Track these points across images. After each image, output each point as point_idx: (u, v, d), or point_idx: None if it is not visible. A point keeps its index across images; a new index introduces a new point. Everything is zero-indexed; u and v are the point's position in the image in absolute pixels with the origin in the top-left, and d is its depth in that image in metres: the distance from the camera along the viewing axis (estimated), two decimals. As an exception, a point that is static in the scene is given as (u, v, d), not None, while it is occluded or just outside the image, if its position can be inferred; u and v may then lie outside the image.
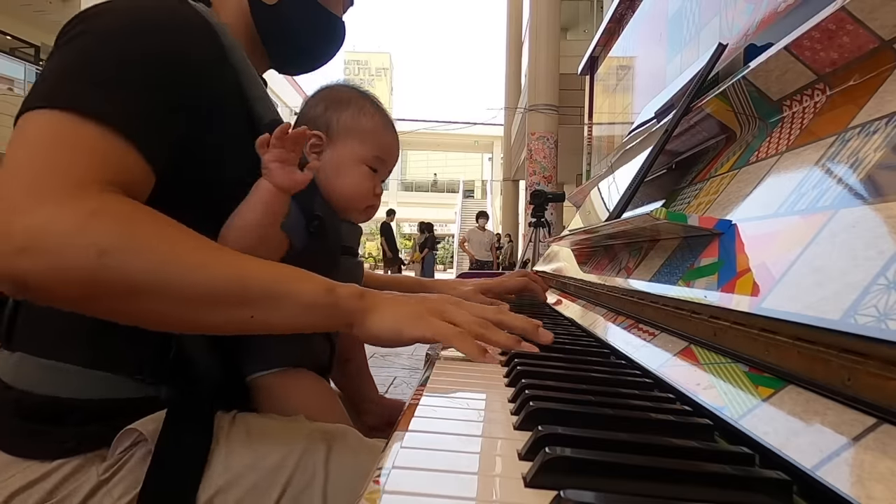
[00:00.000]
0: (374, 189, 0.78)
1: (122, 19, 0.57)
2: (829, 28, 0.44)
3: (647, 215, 0.53)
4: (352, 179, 0.75)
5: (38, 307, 0.57)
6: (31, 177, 0.47)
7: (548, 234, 4.29)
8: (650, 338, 0.54)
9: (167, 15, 0.59)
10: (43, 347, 0.58)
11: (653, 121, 1.03)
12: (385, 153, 0.78)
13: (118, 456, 0.56)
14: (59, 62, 0.54)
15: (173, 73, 0.56)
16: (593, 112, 1.99)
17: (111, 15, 0.57)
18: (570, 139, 7.40)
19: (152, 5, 0.60)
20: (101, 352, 0.58)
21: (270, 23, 0.73)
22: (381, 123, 0.78)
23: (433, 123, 30.31)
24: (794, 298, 0.34)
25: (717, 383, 0.38)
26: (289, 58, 0.78)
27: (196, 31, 0.60)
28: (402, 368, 3.49)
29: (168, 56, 0.56)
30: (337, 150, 0.75)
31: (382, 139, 0.78)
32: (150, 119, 0.54)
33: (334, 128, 0.76)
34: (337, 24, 0.79)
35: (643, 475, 0.27)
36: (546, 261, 1.63)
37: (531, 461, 0.29)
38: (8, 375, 0.59)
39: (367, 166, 0.76)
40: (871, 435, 0.25)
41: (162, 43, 0.57)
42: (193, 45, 0.59)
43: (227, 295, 0.51)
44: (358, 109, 0.77)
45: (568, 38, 11.07)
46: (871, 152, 0.35)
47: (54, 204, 0.46)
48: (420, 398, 0.41)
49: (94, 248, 0.45)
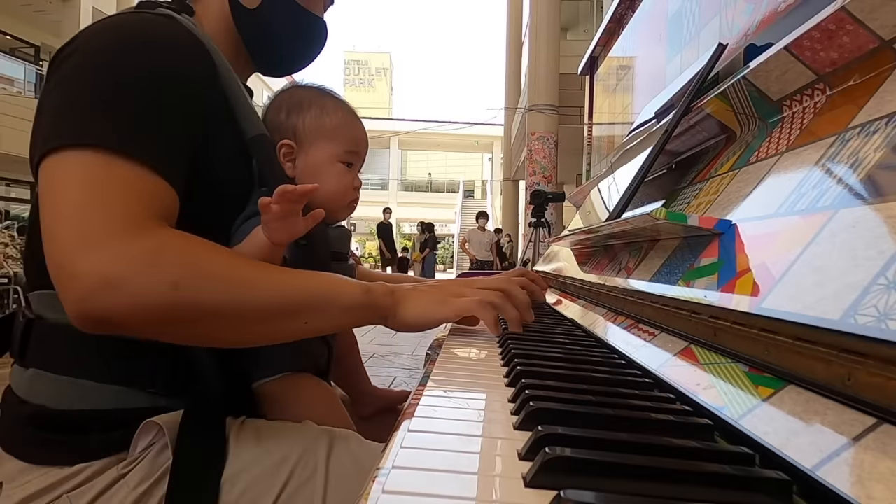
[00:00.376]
0: (353, 183, 0.78)
1: (119, 41, 0.57)
2: (829, 28, 0.44)
3: (647, 215, 0.53)
4: (331, 179, 0.75)
5: (51, 324, 0.59)
6: (82, 220, 0.49)
7: (548, 234, 4.29)
8: (650, 338, 0.54)
9: (165, 34, 0.60)
10: (56, 364, 0.59)
11: (653, 121, 1.03)
12: (355, 145, 0.78)
13: (139, 453, 0.57)
14: (62, 97, 0.54)
15: (181, 96, 0.58)
16: (593, 112, 1.99)
17: (108, 38, 0.58)
18: (570, 139, 7.40)
19: (147, 24, 0.60)
20: (114, 367, 0.59)
21: (252, 27, 0.73)
22: (345, 117, 0.78)
23: (433, 123, 30.27)
24: (794, 298, 0.34)
25: (717, 383, 0.38)
26: (272, 60, 0.78)
27: (192, 49, 0.61)
28: (402, 368, 3.49)
29: (174, 79, 0.58)
30: (309, 154, 0.75)
31: (350, 132, 0.78)
32: (172, 148, 0.56)
33: (301, 132, 0.75)
34: (318, 24, 0.79)
35: (643, 475, 0.27)
36: (546, 261, 1.63)
37: (531, 461, 0.29)
38: (22, 390, 0.59)
39: (341, 162, 0.76)
40: (871, 435, 0.25)
41: (167, 64, 0.58)
42: (191, 65, 0.60)
43: (283, 308, 0.55)
44: (319, 109, 0.77)
45: (568, 38, 11.07)
46: (871, 152, 0.35)
47: (118, 244, 0.48)
48: (420, 398, 0.41)
49: (167, 283, 0.49)
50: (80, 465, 0.56)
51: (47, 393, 0.58)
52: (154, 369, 0.59)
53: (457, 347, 0.63)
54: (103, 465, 0.57)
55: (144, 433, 0.57)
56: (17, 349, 0.61)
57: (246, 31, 0.73)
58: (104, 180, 0.51)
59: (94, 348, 0.58)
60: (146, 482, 0.56)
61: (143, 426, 0.57)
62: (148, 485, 0.56)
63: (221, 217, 0.65)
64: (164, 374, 0.60)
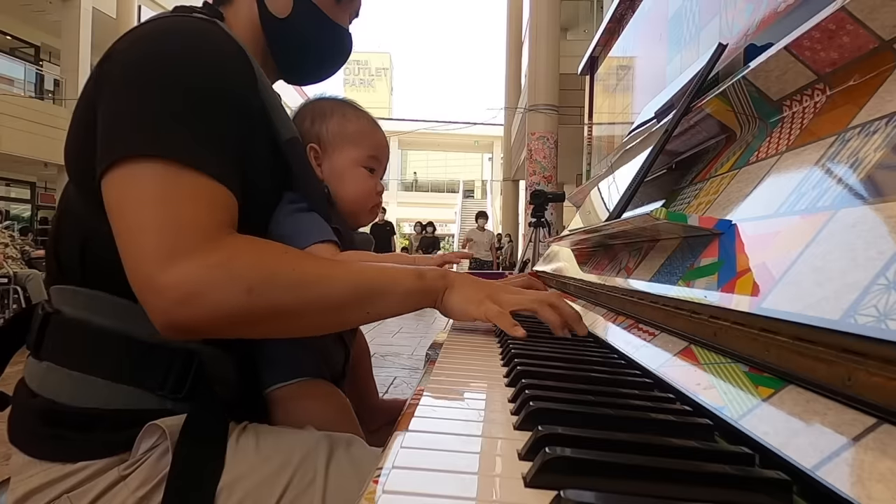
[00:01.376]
0: (375, 188, 0.81)
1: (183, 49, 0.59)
2: (829, 28, 0.44)
3: (647, 215, 0.53)
4: (354, 182, 0.78)
5: (68, 319, 0.60)
6: (158, 235, 0.51)
7: (548, 234, 4.29)
8: (650, 338, 0.54)
9: (219, 41, 0.62)
10: (70, 359, 0.59)
11: (653, 121, 1.03)
12: (377, 151, 0.81)
13: (140, 455, 0.57)
14: (130, 101, 0.55)
15: (235, 104, 0.60)
16: (593, 112, 1.99)
17: (170, 43, 0.59)
18: (570, 139, 7.40)
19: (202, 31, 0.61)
20: (127, 366, 0.59)
21: (281, 35, 0.74)
22: (367, 124, 0.81)
23: (433, 123, 30.27)
24: (794, 298, 0.34)
25: (717, 383, 0.38)
26: (298, 69, 0.80)
27: (240, 57, 0.63)
28: (402, 368, 3.49)
29: (229, 87, 0.60)
30: (333, 159, 0.78)
31: (372, 139, 0.81)
32: (231, 156, 0.58)
33: (325, 138, 0.78)
34: (344, 35, 0.81)
35: (643, 475, 0.27)
36: (546, 261, 1.63)
37: (531, 461, 0.29)
38: (34, 383, 0.60)
39: (364, 167, 0.79)
40: (871, 435, 0.25)
41: (223, 74, 0.60)
42: (241, 73, 0.63)
43: (349, 299, 0.59)
44: (341, 116, 0.80)
45: (568, 38, 11.07)
46: (871, 152, 0.35)
47: (195, 257, 0.51)
48: (420, 398, 0.41)
49: (243, 289, 0.52)
50: (83, 462, 0.56)
51: (59, 387, 0.59)
52: (166, 371, 0.60)
53: (457, 347, 0.63)
54: (105, 464, 0.57)
55: (147, 436, 0.57)
56: (34, 341, 0.61)
57: (274, 39, 0.74)
58: (177, 194, 0.53)
59: (108, 346, 0.59)
60: (146, 486, 0.56)
61: (147, 429, 0.57)
62: (148, 489, 0.56)
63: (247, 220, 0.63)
64: (175, 376, 0.60)
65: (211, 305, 0.51)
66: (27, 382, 0.61)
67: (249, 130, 0.63)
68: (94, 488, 0.56)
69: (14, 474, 0.58)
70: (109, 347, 0.59)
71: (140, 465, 0.57)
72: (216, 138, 0.57)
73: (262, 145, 0.66)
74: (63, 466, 0.56)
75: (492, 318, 0.63)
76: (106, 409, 0.58)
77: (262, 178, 0.67)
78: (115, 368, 0.59)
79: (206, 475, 0.56)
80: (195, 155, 0.54)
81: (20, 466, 0.57)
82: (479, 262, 8.70)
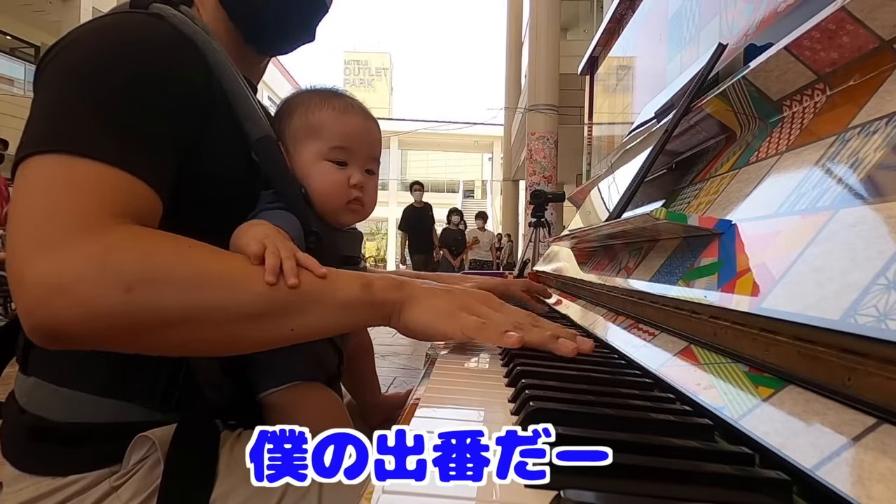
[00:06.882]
0: (346, 181, 0.72)
1: (98, 46, 0.54)
2: (829, 28, 0.44)
3: (647, 215, 0.53)
4: (320, 178, 0.71)
5: None
6: (33, 226, 0.45)
7: (548, 234, 4.29)
8: (650, 338, 0.54)
9: (146, 34, 0.57)
10: (56, 375, 0.58)
11: (653, 121, 1.03)
12: (344, 140, 0.72)
13: (131, 466, 0.56)
14: (42, 102, 0.52)
15: (161, 94, 0.55)
16: (593, 112, 1.99)
17: (87, 43, 0.55)
18: (570, 139, 7.39)
19: (128, 27, 0.57)
20: (113, 380, 0.57)
21: (236, 2, 0.68)
22: (331, 114, 0.73)
23: (433, 123, 30.25)
24: (794, 298, 0.34)
25: (717, 383, 0.38)
26: (260, 32, 0.71)
27: (179, 48, 0.58)
28: (402, 368, 3.49)
29: (153, 78, 0.54)
30: (294, 158, 0.72)
31: (337, 127, 0.72)
32: (147, 145, 0.52)
33: (288, 135, 0.72)
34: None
35: (643, 475, 0.27)
36: (546, 261, 1.64)
37: (531, 461, 0.29)
38: (23, 398, 0.59)
39: (328, 160, 0.71)
40: (871, 435, 0.25)
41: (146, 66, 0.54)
42: (175, 64, 0.57)
43: (263, 308, 0.49)
44: (305, 109, 0.72)
45: (568, 38, 11.07)
46: (871, 152, 0.35)
47: (65, 248, 0.44)
48: (420, 398, 0.41)
49: (119, 286, 0.44)
50: (73, 476, 0.56)
51: (46, 404, 0.57)
52: (154, 383, 0.58)
53: (457, 347, 0.63)
54: (96, 477, 0.56)
55: (137, 447, 0.56)
56: (21, 356, 0.60)
57: (232, 8, 0.68)
58: (61, 183, 0.47)
59: (94, 360, 0.56)
60: (138, 497, 0.55)
61: (136, 440, 0.55)
62: (140, 500, 0.55)
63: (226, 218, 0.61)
64: (162, 387, 0.58)
65: (79, 305, 0.43)
66: (17, 397, 0.59)
67: (200, 123, 0.58)
68: (86, 501, 0.55)
69: (5, 486, 0.57)
70: (95, 361, 0.56)
71: (131, 477, 0.56)
72: (128, 127, 0.51)
73: (223, 137, 0.61)
74: (53, 480, 0.55)
75: (471, 334, 0.54)
76: (94, 423, 0.57)
77: (228, 170, 0.62)
78: (102, 382, 0.57)
79: (198, 486, 0.54)
80: (91, 144, 0.48)
81: (11, 479, 0.57)
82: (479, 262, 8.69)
